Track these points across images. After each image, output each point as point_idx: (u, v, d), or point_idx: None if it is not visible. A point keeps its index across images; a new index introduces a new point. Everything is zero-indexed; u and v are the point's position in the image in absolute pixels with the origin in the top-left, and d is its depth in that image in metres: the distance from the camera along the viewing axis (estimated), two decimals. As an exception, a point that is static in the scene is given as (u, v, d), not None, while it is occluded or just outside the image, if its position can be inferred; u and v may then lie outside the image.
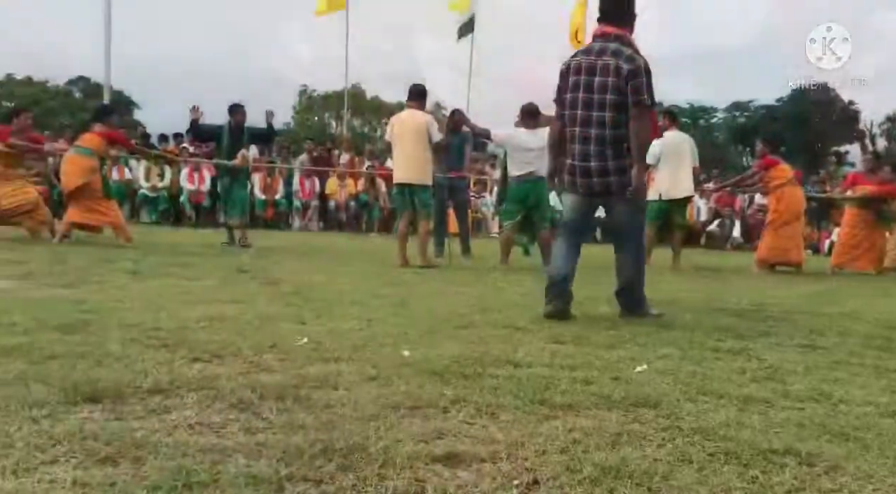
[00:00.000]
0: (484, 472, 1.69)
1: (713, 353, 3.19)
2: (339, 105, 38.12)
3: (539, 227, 7.26)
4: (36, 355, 2.51)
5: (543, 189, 7.19)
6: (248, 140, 9.03)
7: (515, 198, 7.13)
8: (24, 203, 7.48)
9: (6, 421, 1.82)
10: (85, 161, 7.58)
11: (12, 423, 1.82)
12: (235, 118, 8.79)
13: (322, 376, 2.46)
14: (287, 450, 1.73)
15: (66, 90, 47.56)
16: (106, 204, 7.80)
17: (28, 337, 2.76)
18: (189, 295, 4.15)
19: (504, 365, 2.76)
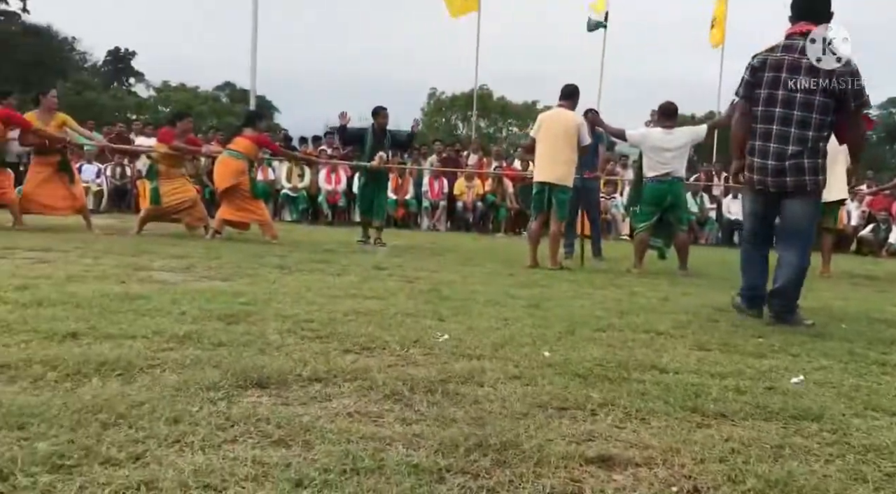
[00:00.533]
0: (640, 477, 1.67)
1: (879, 367, 2.97)
2: (466, 106, 38.59)
3: (676, 230, 7.02)
4: (206, 342, 2.72)
5: (680, 189, 6.96)
6: (391, 142, 9.22)
7: (651, 199, 6.92)
8: (185, 200, 8.10)
9: (189, 402, 1.99)
10: (235, 163, 8.10)
11: (194, 403, 1.99)
12: (378, 120, 9.03)
13: (467, 372, 2.51)
14: (443, 442, 1.79)
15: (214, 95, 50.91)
16: (254, 203, 8.31)
17: (197, 326, 2.99)
18: (334, 290, 4.35)
19: (649, 370, 2.70)
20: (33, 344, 2.52)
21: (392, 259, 6.93)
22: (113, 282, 4.09)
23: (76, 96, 40.03)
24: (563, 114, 6.93)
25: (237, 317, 3.25)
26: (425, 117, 43.56)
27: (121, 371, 2.25)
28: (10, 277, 3.97)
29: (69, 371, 2.20)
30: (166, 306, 3.38)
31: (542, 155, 6.94)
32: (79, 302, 3.35)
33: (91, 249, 5.85)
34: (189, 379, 2.20)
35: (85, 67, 49.71)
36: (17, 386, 2.06)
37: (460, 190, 14.60)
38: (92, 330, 2.76)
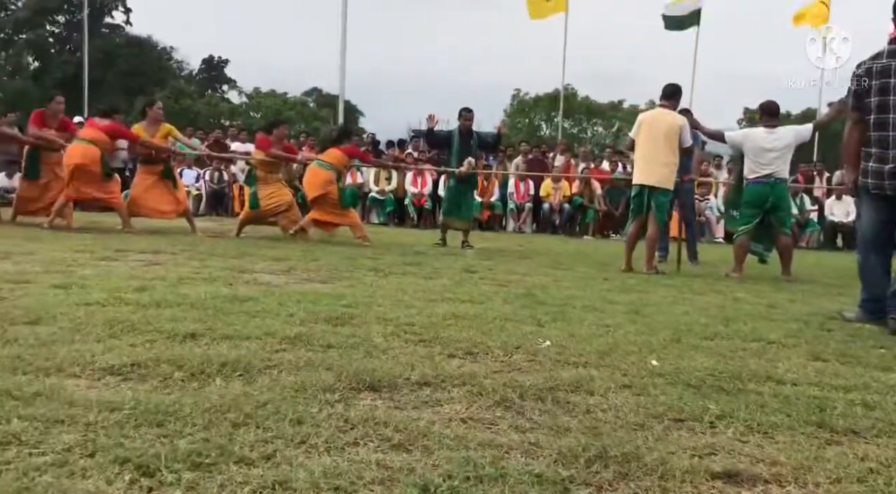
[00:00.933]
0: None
1: None
2: (549, 107, 38.25)
3: (778, 233, 6.73)
4: (315, 344, 2.80)
5: (784, 191, 6.67)
6: (477, 143, 9.25)
7: (753, 201, 6.66)
8: (281, 204, 8.38)
9: (308, 403, 2.05)
10: (324, 174, 8.32)
11: (313, 405, 2.04)
12: (463, 122, 9.07)
13: (575, 380, 2.48)
14: (561, 452, 1.77)
15: (303, 100, 52.38)
16: (343, 210, 8.51)
17: (305, 328, 3.07)
18: (429, 293, 4.38)
19: (765, 381, 2.60)
20: (158, 343, 2.65)
21: (482, 261, 6.94)
22: (221, 284, 4.26)
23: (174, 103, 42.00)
24: (665, 114, 6.75)
25: (342, 320, 3.32)
26: (508, 119, 43.50)
27: (241, 371, 2.34)
28: (128, 279, 4.20)
29: (194, 370, 2.30)
30: (274, 308, 3.50)
31: (642, 156, 6.77)
32: (193, 303, 3.50)
33: (196, 252, 6.11)
34: (306, 380, 2.26)
35: (181, 76, 52.11)
36: (148, 384, 2.17)
37: (546, 191, 14.47)
38: (209, 331, 2.88)
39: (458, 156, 9.01)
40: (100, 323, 2.91)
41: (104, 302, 3.39)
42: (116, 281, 4.10)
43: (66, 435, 1.68)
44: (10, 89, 43.56)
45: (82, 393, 2.02)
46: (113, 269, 4.78)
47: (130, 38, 47.49)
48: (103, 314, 3.10)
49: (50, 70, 45.39)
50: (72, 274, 4.31)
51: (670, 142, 6.59)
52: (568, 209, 14.42)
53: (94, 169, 7.88)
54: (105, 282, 4.00)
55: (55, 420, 1.77)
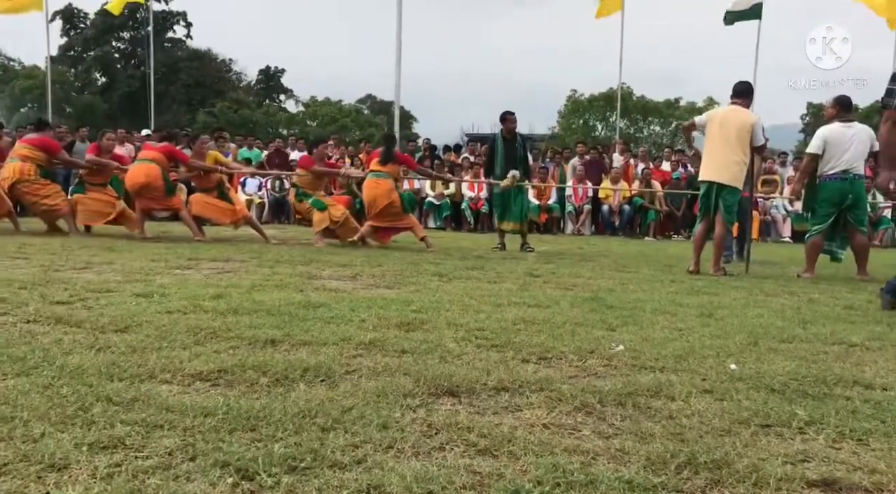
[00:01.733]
0: (874, 504, 1.56)
1: None
2: (605, 106, 37.83)
3: (855, 231, 6.50)
4: (390, 350, 2.84)
5: (862, 188, 6.45)
6: (522, 145, 9.23)
7: (831, 198, 6.44)
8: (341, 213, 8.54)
9: (391, 408, 2.08)
10: (384, 183, 8.43)
11: (396, 410, 2.07)
12: (506, 126, 9.08)
13: (654, 385, 2.45)
14: (649, 458, 1.76)
15: (357, 108, 53.09)
16: (403, 216, 8.60)
17: (378, 333, 3.12)
18: (495, 298, 4.39)
19: (853, 386, 2.53)
20: (240, 350, 2.73)
21: (543, 265, 6.91)
22: (293, 291, 4.35)
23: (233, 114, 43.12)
24: (738, 111, 6.58)
25: (413, 325, 3.36)
26: (562, 120, 43.15)
27: (323, 377, 2.39)
28: (204, 287, 4.33)
29: (278, 376, 2.37)
30: (346, 314, 3.56)
31: (712, 153, 6.61)
32: (268, 309, 3.59)
33: (265, 259, 6.26)
34: (386, 385, 2.30)
35: (240, 87, 53.48)
36: (236, 390, 2.24)
37: (606, 193, 14.31)
38: (287, 337, 2.95)
39: (502, 161, 9.04)
40: (183, 330, 3.01)
41: (185, 309, 3.51)
42: (194, 288, 4.24)
43: (167, 440, 1.75)
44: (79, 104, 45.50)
45: (176, 398, 2.10)
46: (188, 277, 4.93)
47: (191, 52, 49.01)
48: (185, 321, 3.21)
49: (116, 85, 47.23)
50: (151, 283, 4.47)
51: (742, 140, 6.42)
52: (628, 210, 14.23)
53: (157, 184, 8.26)
54: (183, 290, 4.14)
55: (154, 424, 1.85)
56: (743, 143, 6.43)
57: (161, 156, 8.43)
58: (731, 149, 6.44)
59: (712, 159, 6.58)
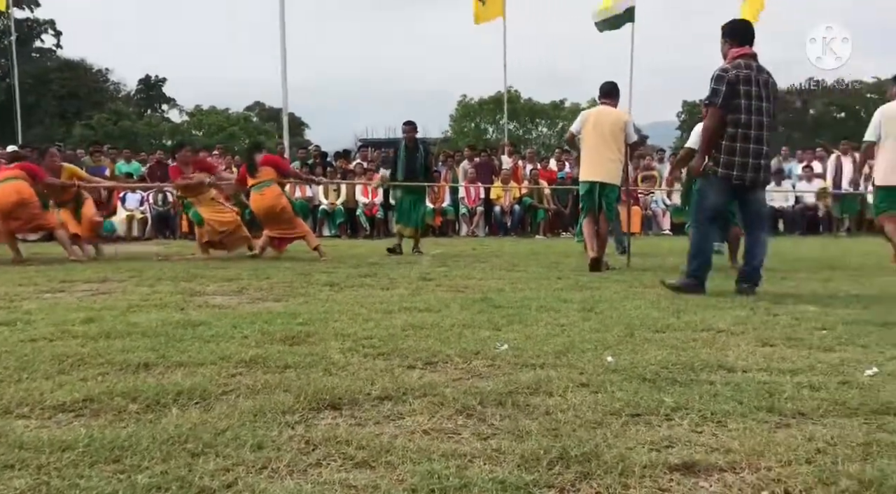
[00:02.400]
0: (728, 482, 1.65)
1: (954, 354, 2.90)
2: (495, 110, 38.54)
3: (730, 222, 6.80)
4: (272, 366, 2.77)
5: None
6: (424, 153, 9.44)
7: None
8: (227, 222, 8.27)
9: (269, 427, 2.03)
10: (269, 190, 8.22)
11: (273, 428, 2.03)
12: (406, 135, 9.32)
13: (534, 382, 2.51)
14: (524, 456, 1.80)
15: (245, 115, 51.71)
16: (295, 223, 8.43)
17: (261, 349, 3.04)
18: (386, 305, 4.38)
19: (717, 370, 2.68)
20: (110, 376, 2.59)
21: (437, 268, 6.96)
22: (173, 310, 4.18)
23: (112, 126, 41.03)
24: (609, 112, 6.84)
25: (298, 338, 3.30)
26: (454, 123, 43.66)
27: (198, 399, 2.31)
28: (75, 311, 4.09)
29: (149, 401, 2.26)
30: (228, 331, 3.45)
31: (590, 153, 6.83)
32: (144, 331, 3.43)
33: (145, 277, 5.98)
34: (264, 403, 2.24)
35: (119, 97, 50.96)
36: (102, 419, 2.12)
37: (497, 194, 14.58)
38: (162, 360, 2.83)
39: (403, 168, 9.25)
40: (47, 358, 2.83)
41: (51, 336, 3.30)
42: (63, 313, 4.00)
43: (18, 480, 1.63)
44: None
45: (33, 433, 1.96)
46: (59, 301, 4.65)
47: (62, 62, 46.23)
48: (51, 349, 3.02)
49: (-21, 98, 43.96)
50: (15, 310, 4.18)
51: (616, 138, 6.70)
52: (518, 210, 14.56)
53: (32, 201, 7.75)
54: (51, 316, 3.89)
55: (4, 465, 1.72)
56: (617, 141, 6.70)
57: (23, 173, 7.91)
58: (608, 147, 6.70)
59: (591, 159, 6.81)
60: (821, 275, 6.06)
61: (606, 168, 6.72)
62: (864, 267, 6.89)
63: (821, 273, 6.32)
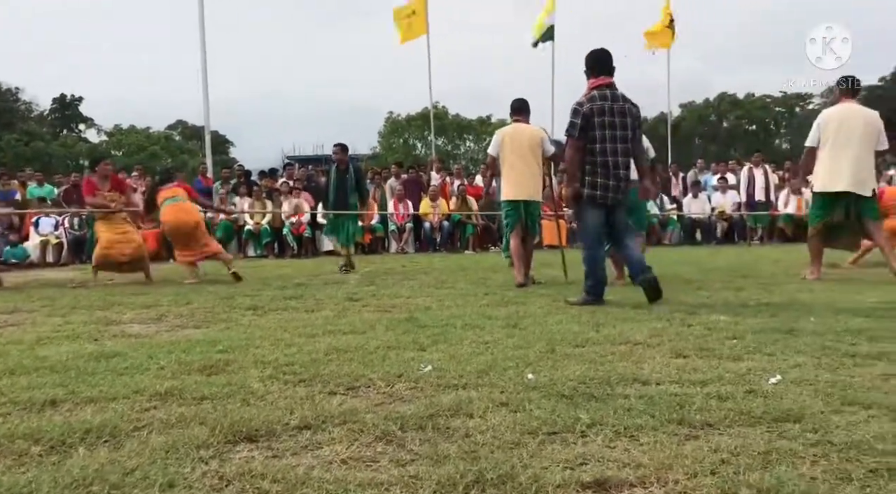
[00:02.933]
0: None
1: (850, 359, 3.07)
2: (423, 126, 38.77)
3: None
4: (188, 398, 2.69)
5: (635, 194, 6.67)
6: (355, 175, 9.52)
7: None
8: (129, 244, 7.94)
9: (181, 463, 1.98)
10: (186, 205, 8.06)
11: (186, 465, 1.97)
12: (336, 157, 9.47)
13: (455, 404, 2.52)
14: (440, 482, 1.80)
15: (167, 134, 50.41)
16: (211, 243, 8.22)
17: (178, 381, 2.95)
18: (311, 328, 4.32)
19: (632, 384, 2.75)
20: (12, 417, 2.47)
21: (365, 288, 6.92)
22: (86, 341, 4.02)
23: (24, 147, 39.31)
24: (524, 128, 6.96)
25: (217, 367, 3.22)
26: (382, 140, 43.70)
27: (107, 437, 2.22)
28: (-23, 346, 3.88)
29: (54, 442, 2.16)
30: (143, 362, 3.34)
31: (510, 172, 6.90)
32: (53, 365, 3.28)
33: (57, 307, 5.73)
34: (177, 439, 2.17)
35: (31, 117, 48.91)
36: (0, 464, 2.02)
37: (426, 210, 14.63)
38: (71, 396, 2.71)
39: (334, 190, 9.37)
40: (-56, 401, 2.67)
41: (-51, 376, 3.12)
42: (-36, 350, 3.79)
43: None
44: None
45: (-77, 484, 1.85)
46: (-40, 336, 4.40)
47: (-33, 80, 44.15)
48: (-52, 390, 2.85)
49: None
50: (-89, 348, 3.94)
51: (535, 153, 6.82)
52: (447, 226, 14.64)
53: None
54: (-49, 353, 3.68)
55: None
56: (536, 157, 6.84)
57: None
58: (527, 164, 6.83)
59: (513, 178, 6.90)
60: (734, 285, 6.31)
61: (528, 185, 6.84)
62: (774, 276, 7.21)
63: (734, 282, 6.58)
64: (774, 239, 14.35)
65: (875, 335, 3.61)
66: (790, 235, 14.31)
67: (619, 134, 5.26)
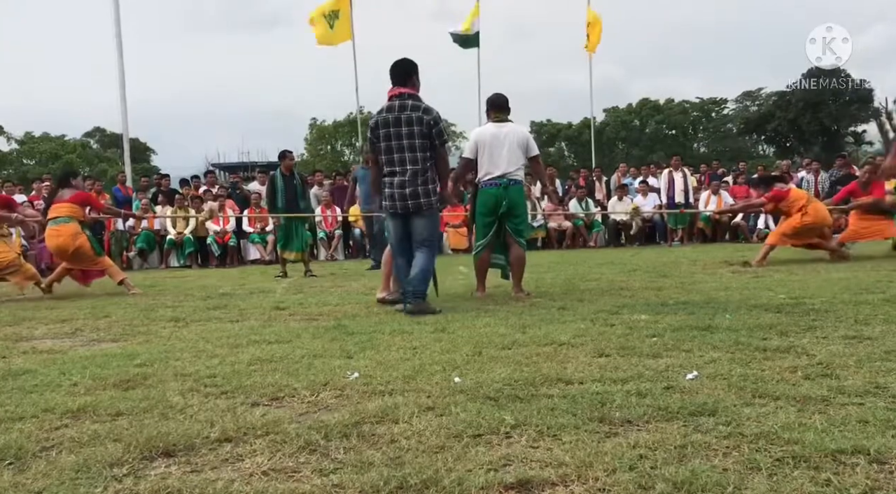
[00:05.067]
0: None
1: (761, 353, 3.20)
2: (351, 132, 38.51)
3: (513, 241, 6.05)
4: (103, 414, 2.59)
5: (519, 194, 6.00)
6: (301, 181, 9.96)
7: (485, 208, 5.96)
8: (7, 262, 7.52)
9: (92, 483, 1.89)
10: (67, 228, 7.58)
11: (98, 484, 1.89)
12: (284, 163, 9.73)
13: (380, 410, 2.50)
14: (363, 490, 1.79)
15: (84, 142, 48.45)
16: (98, 260, 7.83)
17: (91, 397, 2.84)
18: (235, 338, 4.23)
19: (556, 384, 2.80)
20: None
21: (292, 296, 6.81)
22: (-9, 359, 3.81)
23: (-74, 155, 37.13)
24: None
25: (134, 382, 3.11)
26: (309, 146, 43.18)
27: (11, 459, 2.11)
28: None
29: (-48, 467, 2.04)
30: (55, 378, 3.19)
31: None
32: (-46, 386, 3.10)
33: (-39, 323, 5.42)
34: (89, 457, 2.08)
35: (-67, 124, 46.18)
36: None
37: (355, 216, 14.51)
38: (-27, 418, 2.57)
39: (283, 196, 9.64)
40: None
41: None
42: None
43: None
44: None
45: None
46: None
47: None
48: None
49: None
50: None
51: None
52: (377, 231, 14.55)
53: None
54: None
55: None
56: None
57: None
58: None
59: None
60: (655, 285, 6.50)
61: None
62: (693, 274, 7.46)
63: (655, 282, 6.78)
64: (694, 239, 14.85)
65: (784, 329, 3.78)
66: (709, 235, 14.88)
67: (406, 143, 5.27)
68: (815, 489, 1.67)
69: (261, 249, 13.78)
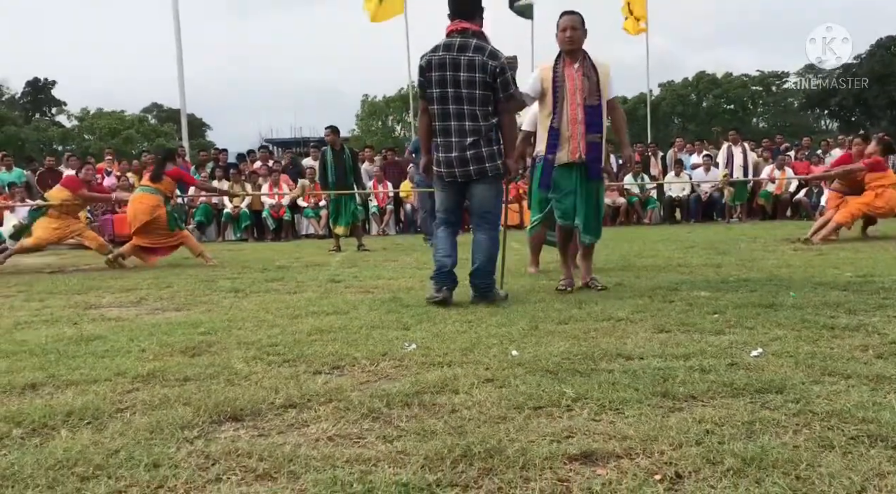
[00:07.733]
0: (623, 468, 1.71)
1: (829, 331, 3.11)
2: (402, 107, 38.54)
3: None
4: (171, 379, 2.67)
5: None
6: (351, 156, 10.13)
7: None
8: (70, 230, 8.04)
9: (166, 444, 1.96)
10: (150, 198, 7.88)
11: (171, 445, 1.95)
12: (329, 139, 9.95)
13: (440, 381, 2.52)
14: (428, 457, 1.80)
15: (142, 117, 49.66)
16: (171, 234, 8.04)
17: (160, 363, 2.93)
18: (293, 309, 4.30)
19: (616, 359, 2.77)
20: (-8, 400, 2.44)
21: (346, 269, 6.90)
22: (65, 325, 3.97)
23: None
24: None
25: (199, 349, 3.20)
26: (360, 122, 43.38)
27: (89, 419, 2.20)
28: (-47, 331, 3.82)
29: (35, 425, 2.14)
30: (124, 345, 3.31)
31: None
32: (32, 349, 3.24)
33: (34, 291, 5.66)
34: (161, 419, 2.16)
35: (2, 101, 47.97)
36: (-18, 448, 1.99)
37: (406, 192, 14.57)
38: (52, 379, 2.68)
39: (333, 171, 9.87)
40: (-79, 386, 2.63)
41: (-75, 361, 3.07)
42: (-60, 335, 3.72)
43: None
44: None
45: None
46: (-65, 322, 4.32)
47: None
48: (-75, 375, 2.80)
49: None
50: None
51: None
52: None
53: None
54: (-74, 339, 3.62)
55: None
56: None
57: None
58: None
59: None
60: (713, 261, 6.36)
61: None
62: (753, 252, 7.28)
63: (714, 258, 6.63)
64: (753, 216, 14.47)
65: (853, 307, 3.67)
66: (769, 212, 14.47)
67: (465, 93, 4.22)
68: (893, 468, 1.62)
69: (314, 223, 13.96)
